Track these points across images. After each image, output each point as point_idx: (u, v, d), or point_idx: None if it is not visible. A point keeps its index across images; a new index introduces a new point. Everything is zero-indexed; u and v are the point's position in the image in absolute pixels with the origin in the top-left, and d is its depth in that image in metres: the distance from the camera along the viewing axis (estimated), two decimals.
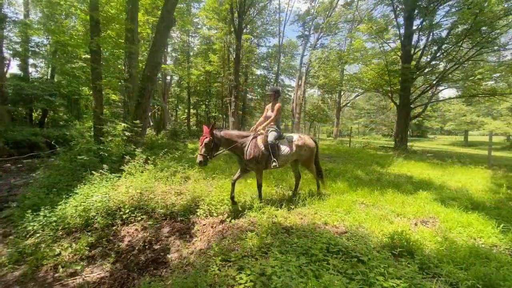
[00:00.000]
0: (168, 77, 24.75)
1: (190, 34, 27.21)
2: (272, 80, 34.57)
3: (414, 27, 14.28)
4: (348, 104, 30.72)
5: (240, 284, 2.26)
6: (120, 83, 10.53)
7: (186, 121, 29.47)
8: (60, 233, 3.86)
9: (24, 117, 17.51)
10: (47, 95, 16.01)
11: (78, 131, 15.71)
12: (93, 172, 5.08)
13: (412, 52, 14.35)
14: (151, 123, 19.15)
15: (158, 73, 9.01)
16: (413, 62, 14.25)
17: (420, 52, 14.55)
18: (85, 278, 2.97)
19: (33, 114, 18.27)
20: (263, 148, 4.27)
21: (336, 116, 29.31)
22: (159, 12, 9.07)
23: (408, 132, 22.10)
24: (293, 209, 4.34)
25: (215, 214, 4.13)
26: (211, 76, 26.70)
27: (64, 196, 4.65)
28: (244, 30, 20.88)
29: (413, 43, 14.55)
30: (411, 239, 3.12)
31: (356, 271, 2.40)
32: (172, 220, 4.01)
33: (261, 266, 2.40)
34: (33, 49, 19.26)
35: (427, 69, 14.93)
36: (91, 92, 18.69)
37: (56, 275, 3.08)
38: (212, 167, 6.67)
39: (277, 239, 3.14)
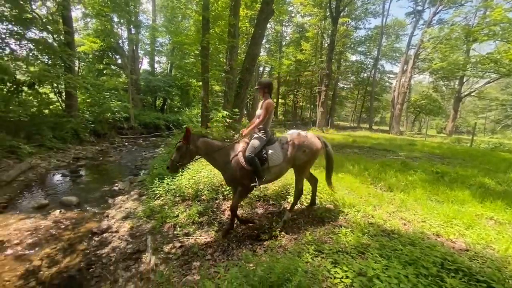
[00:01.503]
0: (261, 68, 25.93)
1: (283, 23, 27.41)
2: (369, 66, 31.18)
3: None
4: (473, 94, 24.36)
5: (336, 278, 2.21)
6: (221, 75, 11.77)
7: (274, 110, 30.42)
8: (178, 199, 4.74)
9: (151, 104, 21.99)
10: (167, 87, 19.55)
11: (187, 117, 18.66)
12: None
13: None
14: (245, 112, 20.74)
15: (255, 64, 9.55)
16: None
17: None
18: (196, 239, 3.55)
19: (156, 102, 22.77)
20: (244, 162, 3.27)
21: (453, 108, 23.88)
22: (258, 6, 9.51)
23: None
24: (394, 212, 3.87)
25: (305, 204, 4.14)
26: (302, 65, 26.35)
27: (180, 170, 5.67)
28: (341, 13, 19.38)
29: None
30: None
31: None
32: (265, 203, 4.28)
33: (360, 266, 2.26)
34: (158, 48, 23.73)
35: None
36: (198, 84, 21.79)
37: (175, 232, 3.81)
38: None
39: (376, 241, 2.89)
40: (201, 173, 5.21)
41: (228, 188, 4.51)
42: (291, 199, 4.25)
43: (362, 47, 30.13)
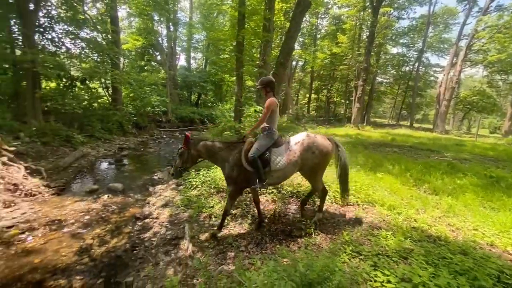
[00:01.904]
0: (294, 62, 25.46)
1: (319, 16, 26.49)
2: (412, 59, 28.85)
3: None
4: None
5: (376, 281, 2.11)
6: (254, 70, 11.80)
7: (306, 106, 29.74)
8: (212, 190, 4.90)
9: (186, 98, 22.89)
10: (202, 82, 20.17)
11: (220, 111, 19.11)
12: None
13: None
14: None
15: (290, 58, 9.39)
16: None
17: None
18: (230, 231, 3.65)
19: (191, 96, 23.64)
20: (246, 163, 3.16)
21: (511, 105, 21.20)
22: None
23: None
24: (440, 217, 3.57)
25: (340, 203, 4.01)
26: (337, 59, 25.31)
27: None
28: (383, 3, 18.12)
29: None
30: None
31: None
32: (298, 199, 4.23)
33: (403, 271, 2.13)
34: (194, 45, 24.53)
35: None
36: (231, 79, 22.16)
37: (210, 222, 3.95)
38: None
39: (420, 246, 2.70)
40: None
41: None
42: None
43: (405, 38, 27.93)
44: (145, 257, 3.29)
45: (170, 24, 18.59)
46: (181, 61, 25.45)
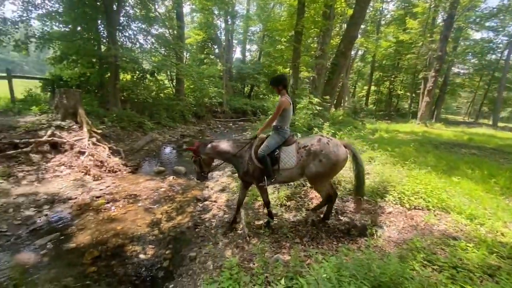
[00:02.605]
0: (353, 52, 23.74)
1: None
2: (501, 45, 24.04)
3: None
4: None
5: None
6: (310, 61, 11.40)
7: (365, 98, 27.62)
8: None
9: (240, 90, 23.48)
10: (256, 74, 20.43)
11: (272, 103, 19.13)
12: None
13: None
14: None
15: (352, 47, 8.79)
16: None
17: None
18: (284, 222, 3.67)
19: (245, 88, 24.16)
20: (255, 160, 3.18)
21: None
22: None
23: None
24: None
25: (407, 205, 3.66)
26: (404, 47, 22.67)
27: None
28: None
29: None
30: None
31: None
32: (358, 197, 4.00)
33: None
34: (249, 37, 24.86)
35: None
36: (284, 70, 21.89)
37: (264, 211, 4.04)
38: (404, 154, 5.91)
39: (510, 265, 2.30)
40: None
41: None
42: (389, 197, 3.84)
43: (493, 21, 23.33)
44: (206, 236, 3.55)
45: (228, 17, 19.17)
46: (237, 54, 26.21)
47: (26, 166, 5.24)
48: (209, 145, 3.53)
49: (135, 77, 12.29)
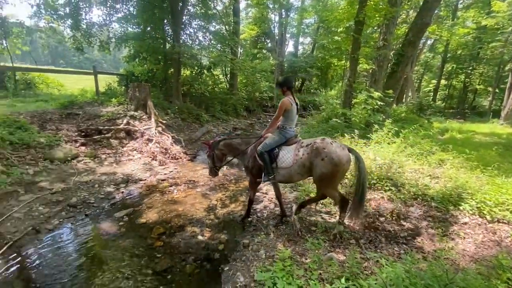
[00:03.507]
0: (422, 41, 21.11)
1: None
2: None
3: None
4: None
5: None
6: (370, 52, 10.54)
7: (432, 94, 24.45)
8: None
9: None
10: (308, 67, 19.89)
11: (324, 98, 18.44)
12: (345, 134, 5.71)
13: None
14: None
15: (422, 36, 7.84)
16: None
17: None
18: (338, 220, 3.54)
19: (296, 82, 23.73)
20: (256, 155, 3.31)
21: None
22: None
23: None
24: None
25: (488, 217, 3.16)
26: (487, 33, 19.22)
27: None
28: None
29: None
30: None
31: None
32: (424, 203, 3.62)
33: None
34: (303, 29, 24.19)
35: None
36: (339, 63, 20.84)
37: (317, 208, 3.96)
38: (483, 158, 5.11)
39: None
40: None
41: (376, 178, 4.14)
42: (465, 206, 3.37)
43: None
44: (258, 226, 3.65)
45: (283, 10, 18.97)
46: (289, 47, 25.85)
47: (107, 149, 6.14)
48: (222, 142, 3.76)
49: (193, 72, 13.16)
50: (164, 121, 7.59)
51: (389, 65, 10.15)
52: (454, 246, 2.79)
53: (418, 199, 3.70)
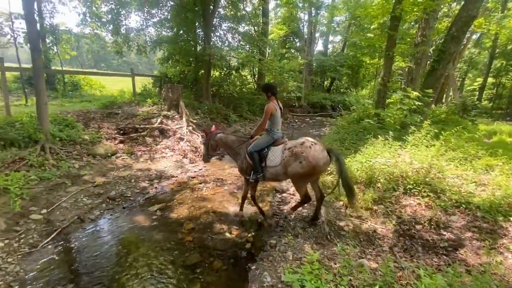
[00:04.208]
0: (466, 35, 19.38)
1: None
2: None
3: None
4: None
5: None
6: (408, 47, 9.90)
7: (478, 93, 22.32)
8: None
9: (319, 84, 22.67)
10: (338, 66, 19.28)
11: (354, 98, 17.76)
12: (378, 135, 5.44)
13: None
14: None
15: (467, 30, 7.19)
16: None
17: None
18: (370, 226, 3.39)
19: (324, 82, 23.17)
20: (246, 155, 3.60)
21: None
22: None
23: None
24: None
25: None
26: None
27: (352, 151, 5.55)
28: None
29: None
30: None
31: None
32: (468, 212, 3.32)
33: None
34: (333, 27, 23.49)
35: None
36: (371, 62, 19.90)
37: (347, 211, 3.82)
38: None
39: None
40: (377, 159, 4.80)
41: (412, 183, 3.89)
42: None
43: None
44: (285, 227, 3.62)
45: (312, 8, 18.61)
46: (319, 46, 25.28)
47: (142, 146, 6.51)
48: (219, 135, 4.04)
49: (222, 73, 13.44)
50: (195, 121, 7.85)
51: (428, 62, 9.50)
52: (503, 261, 2.52)
53: (461, 207, 3.40)
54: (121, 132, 6.77)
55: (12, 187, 3.92)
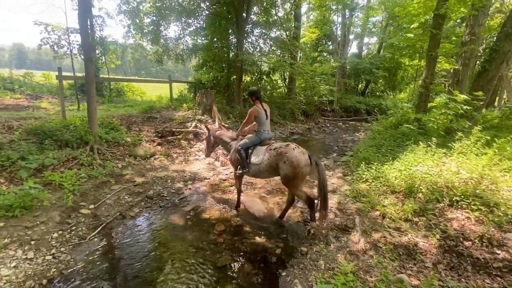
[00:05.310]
0: None
1: None
2: None
3: None
4: None
5: None
6: (454, 47, 9.12)
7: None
8: (385, 188, 4.43)
9: (352, 87, 21.85)
10: (374, 68, 18.43)
11: (392, 102, 16.81)
12: (419, 142, 5.08)
13: None
14: None
15: None
16: None
17: None
18: (410, 239, 3.15)
19: (359, 85, 22.27)
20: (236, 151, 3.97)
21: None
22: None
23: None
24: None
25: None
26: None
27: (390, 158, 5.24)
28: None
29: None
30: None
31: None
32: None
33: None
34: (369, 27, 22.54)
35: None
36: (411, 63, 18.68)
37: (384, 222, 3.60)
38: None
39: None
40: (418, 167, 4.47)
41: (459, 194, 3.54)
42: None
43: None
44: (316, 235, 3.53)
45: (346, 10, 18.10)
46: (353, 49, 24.46)
47: (178, 149, 6.85)
48: (217, 132, 4.59)
49: (253, 78, 13.64)
50: (226, 125, 8.05)
51: (477, 63, 8.68)
52: None
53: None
54: (159, 135, 7.20)
55: (66, 183, 4.38)
